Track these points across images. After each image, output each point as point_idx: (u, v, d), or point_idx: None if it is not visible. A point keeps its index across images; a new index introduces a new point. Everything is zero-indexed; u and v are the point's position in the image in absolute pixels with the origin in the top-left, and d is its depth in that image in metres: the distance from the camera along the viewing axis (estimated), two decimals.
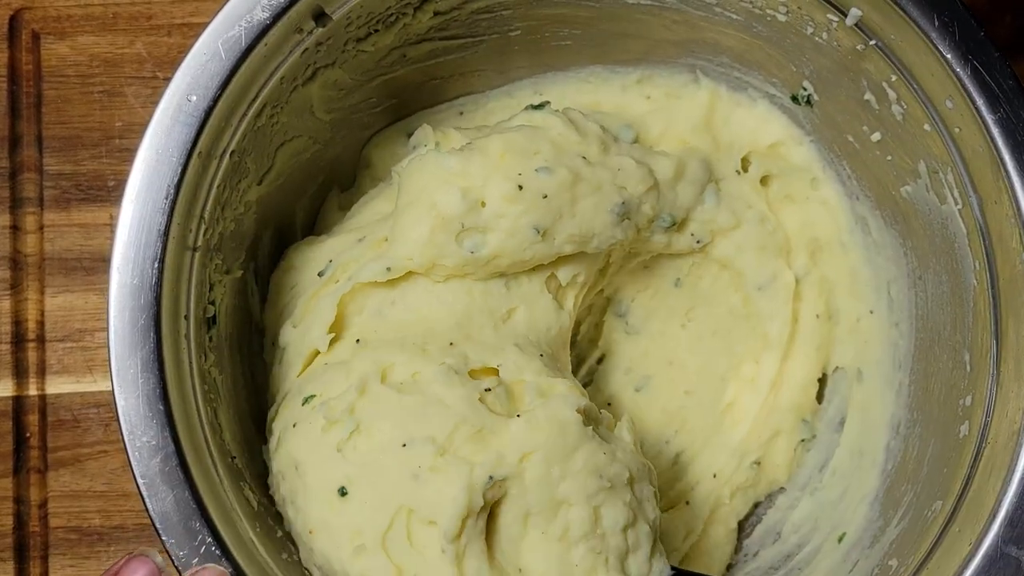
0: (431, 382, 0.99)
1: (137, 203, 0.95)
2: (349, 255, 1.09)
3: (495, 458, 0.95)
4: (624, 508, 0.98)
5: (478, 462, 0.95)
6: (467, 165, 1.04)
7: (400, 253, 1.04)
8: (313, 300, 1.08)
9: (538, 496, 0.96)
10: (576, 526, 0.96)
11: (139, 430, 0.93)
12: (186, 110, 0.96)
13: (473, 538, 0.95)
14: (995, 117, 0.95)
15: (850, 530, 1.13)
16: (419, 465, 0.95)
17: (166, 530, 0.92)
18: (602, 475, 0.97)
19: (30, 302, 1.22)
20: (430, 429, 0.96)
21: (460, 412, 0.97)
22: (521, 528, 0.97)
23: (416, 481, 0.95)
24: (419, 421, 0.97)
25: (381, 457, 0.97)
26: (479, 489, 0.94)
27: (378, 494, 0.96)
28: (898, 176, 1.08)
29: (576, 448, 0.96)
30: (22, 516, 1.20)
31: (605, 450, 0.98)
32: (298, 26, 1.00)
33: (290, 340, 1.08)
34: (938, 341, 1.08)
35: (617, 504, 0.98)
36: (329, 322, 1.05)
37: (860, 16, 1.00)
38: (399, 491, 0.95)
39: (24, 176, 1.24)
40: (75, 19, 1.26)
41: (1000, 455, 0.95)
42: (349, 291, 1.06)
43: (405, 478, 0.95)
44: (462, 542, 0.94)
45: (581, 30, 1.16)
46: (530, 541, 0.97)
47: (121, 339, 0.93)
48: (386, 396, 0.98)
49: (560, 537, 0.96)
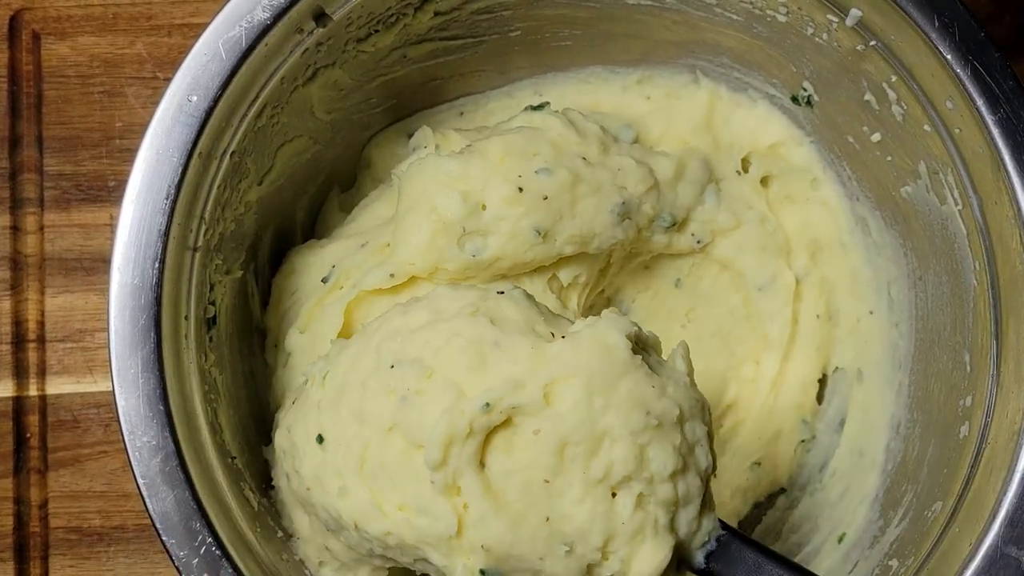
0: (439, 296, 0.94)
1: (137, 203, 0.95)
2: (352, 261, 1.09)
3: (502, 383, 0.87)
4: (673, 453, 0.88)
5: (472, 385, 0.88)
6: (467, 168, 1.04)
7: (402, 259, 1.05)
8: (318, 307, 1.08)
9: (576, 425, 0.86)
10: (620, 465, 0.87)
11: (139, 430, 0.93)
12: (187, 110, 0.96)
13: (463, 467, 0.87)
14: (995, 118, 0.95)
15: (850, 531, 1.13)
16: (407, 387, 0.89)
17: (166, 530, 0.92)
18: (649, 411, 0.87)
19: (30, 302, 1.22)
20: (418, 349, 0.90)
21: (459, 329, 0.90)
22: (556, 461, 0.87)
23: (404, 404, 0.89)
24: (409, 342, 0.91)
25: (357, 388, 0.91)
26: (466, 415, 0.87)
27: (350, 429, 0.93)
28: (898, 177, 1.08)
29: (621, 376, 0.87)
30: (22, 516, 1.20)
31: (654, 383, 0.88)
32: (298, 26, 1.00)
33: (297, 346, 1.09)
34: (938, 342, 1.08)
35: (666, 447, 0.88)
36: (338, 329, 1.06)
37: (860, 17, 1.00)
38: (383, 416, 0.90)
39: (24, 176, 1.24)
40: (75, 19, 1.26)
41: (1000, 455, 0.95)
42: (355, 298, 1.07)
43: (393, 402, 0.89)
44: (449, 470, 0.87)
45: (581, 30, 1.16)
46: (567, 480, 0.87)
47: (121, 339, 0.93)
48: (371, 328, 0.95)
49: (602, 478, 0.87)
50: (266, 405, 1.12)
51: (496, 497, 0.87)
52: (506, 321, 0.90)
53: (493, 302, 0.91)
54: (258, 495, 1.02)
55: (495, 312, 0.91)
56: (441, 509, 0.88)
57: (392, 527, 0.90)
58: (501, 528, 0.87)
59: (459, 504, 0.88)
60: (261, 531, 0.99)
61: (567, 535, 0.87)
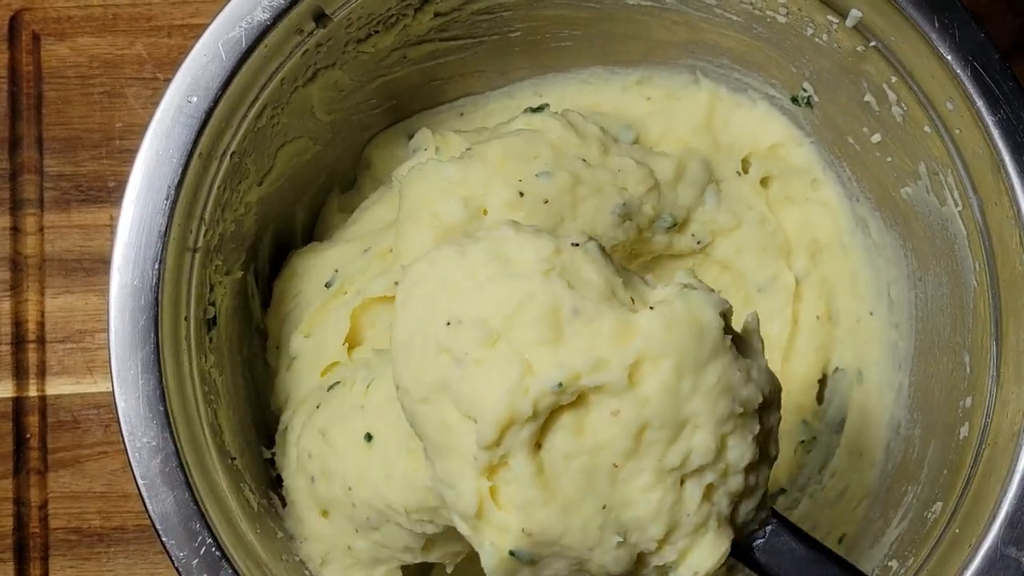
0: (503, 240, 0.83)
1: (137, 204, 0.95)
2: (355, 266, 1.10)
3: (581, 360, 0.78)
4: (752, 443, 0.82)
5: (543, 360, 0.78)
6: (467, 173, 1.04)
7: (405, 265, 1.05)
8: (322, 312, 1.09)
9: (661, 410, 0.78)
10: (698, 454, 0.80)
11: (139, 431, 0.93)
12: (186, 111, 0.96)
13: (516, 449, 0.79)
14: (995, 119, 0.95)
15: (850, 531, 1.13)
16: (465, 352, 0.79)
17: (166, 531, 0.92)
18: (735, 397, 0.80)
19: (30, 303, 1.22)
20: (481, 309, 0.80)
21: (533, 291, 0.79)
22: (631, 445, 0.79)
23: (459, 369, 0.79)
24: (469, 299, 0.81)
25: (409, 358, 0.82)
26: (532, 395, 0.78)
27: (399, 431, 0.89)
28: (898, 177, 1.08)
29: (712, 359, 0.80)
30: (22, 517, 1.20)
31: (740, 367, 0.81)
32: (298, 27, 1.00)
33: (302, 350, 1.09)
34: (938, 342, 1.08)
35: (746, 436, 0.82)
36: (344, 334, 1.07)
37: (860, 17, 1.00)
38: (430, 377, 0.80)
39: (24, 177, 1.23)
40: (75, 20, 1.26)
41: (1000, 456, 0.95)
42: (360, 305, 1.07)
43: (446, 363, 0.80)
44: (498, 452, 0.79)
45: (581, 31, 1.16)
46: (639, 466, 0.80)
47: (121, 340, 0.93)
48: (417, 274, 0.84)
49: (677, 467, 0.80)
50: (267, 406, 1.12)
51: (547, 482, 0.80)
52: (584, 284, 0.80)
53: (569, 257, 0.81)
54: (258, 496, 1.02)
55: (572, 271, 0.81)
56: (470, 488, 0.80)
57: (424, 500, 0.90)
58: (551, 516, 0.80)
59: (497, 485, 0.80)
60: (261, 532, 0.99)
61: (623, 524, 0.81)
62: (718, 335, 0.80)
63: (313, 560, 1.04)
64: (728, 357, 0.80)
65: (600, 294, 0.80)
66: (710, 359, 0.79)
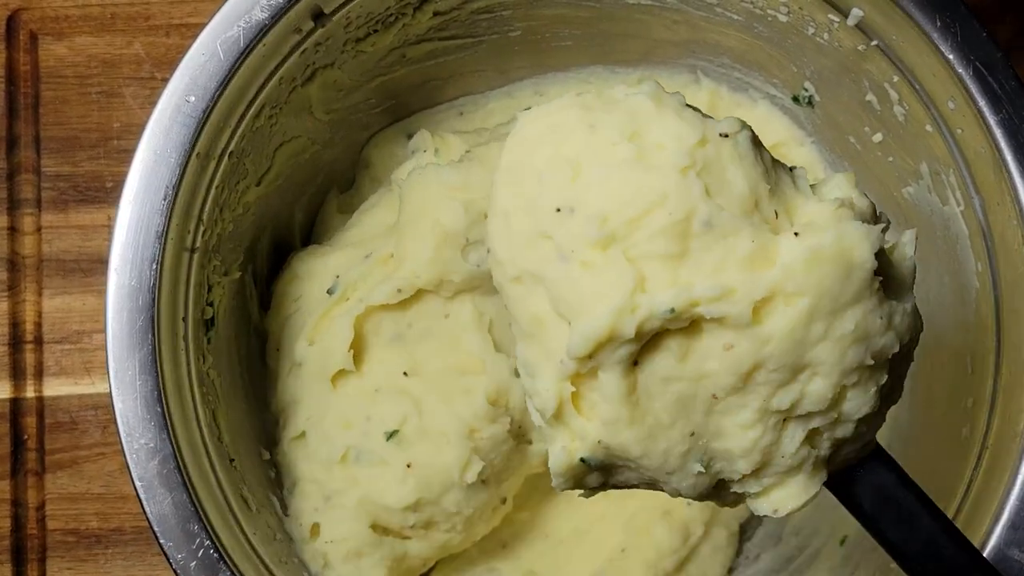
0: (642, 112, 0.71)
1: (135, 204, 0.94)
2: (357, 272, 1.10)
3: (704, 286, 0.68)
4: (875, 395, 0.73)
5: (660, 278, 0.69)
6: (467, 177, 1.05)
7: (407, 272, 1.05)
8: (326, 319, 1.09)
9: (782, 352, 0.69)
10: (811, 400, 0.72)
11: (137, 432, 0.92)
12: (184, 111, 0.95)
13: (610, 366, 0.71)
14: (997, 118, 0.94)
15: (851, 532, 1.12)
16: (572, 248, 0.69)
17: (164, 533, 0.92)
18: (868, 347, 0.71)
19: (27, 304, 1.22)
20: (603, 202, 0.69)
21: (666, 190, 0.68)
22: (738, 382, 0.71)
23: (563, 265, 0.70)
24: (588, 186, 0.70)
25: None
26: (639, 317, 0.68)
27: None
28: (900, 177, 1.08)
29: (854, 303, 0.70)
30: (20, 519, 1.19)
31: (883, 312, 0.71)
32: (297, 26, 1.00)
33: (307, 357, 1.09)
34: (940, 343, 1.08)
35: (870, 388, 0.72)
36: (348, 341, 1.07)
37: (861, 16, 1.00)
38: (535, 261, 0.71)
39: (21, 177, 1.23)
40: (73, 19, 1.25)
41: (1002, 458, 0.94)
42: (363, 312, 1.08)
43: (547, 252, 0.70)
44: (589, 365, 0.71)
45: (581, 30, 1.16)
46: (742, 402, 0.72)
47: (119, 341, 0.93)
48: (524, 131, 0.74)
49: (785, 410, 0.72)
50: (265, 408, 1.12)
51: (637, 401, 0.72)
52: (726, 189, 0.69)
53: (714, 151, 0.69)
54: (257, 497, 1.01)
55: (715, 170, 0.69)
56: (552, 389, 0.73)
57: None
58: (634, 437, 0.72)
59: (582, 392, 0.73)
60: (259, 534, 0.98)
61: (710, 453, 0.73)
62: (867, 276, 0.69)
63: (315, 561, 1.04)
64: (872, 301, 0.70)
65: (741, 205, 0.69)
66: (852, 303, 0.69)
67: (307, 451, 1.07)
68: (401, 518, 1.05)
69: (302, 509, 1.06)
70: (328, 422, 1.07)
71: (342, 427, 1.06)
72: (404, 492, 1.04)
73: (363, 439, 1.06)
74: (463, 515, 1.07)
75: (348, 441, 1.06)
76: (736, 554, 1.19)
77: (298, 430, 1.08)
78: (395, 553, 1.07)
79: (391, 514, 1.05)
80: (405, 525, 1.06)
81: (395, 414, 1.06)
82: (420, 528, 1.07)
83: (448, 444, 1.05)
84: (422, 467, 1.04)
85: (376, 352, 1.09)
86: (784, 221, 0.71)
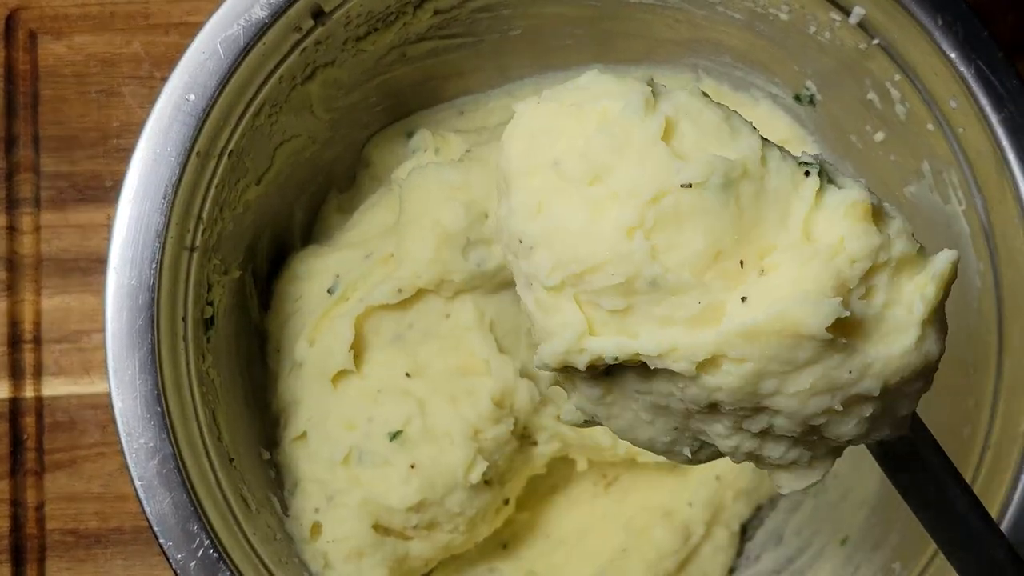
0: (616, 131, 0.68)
1: (135, 203, 0.94)
2: (357, 272, 1.10)
3: (645, 341, 0.67)
4: (858, 425, 0.69)
5: (606, 325, 0.68)
6: (467, 176, 1.04)
7: (408, 272, 1.05)
8: (326, 320, 1.09)
9: (734, 401, 0.67)
10: (782, 430, 0.70)
11: (136, 432, 0.92)
12: (184, 109, 0.95)
13: (579, 378, 0.72)
14: (999, 117, 0.94)
15: (852, 533, 1.12)
16: (530, 282, 0.69)
17: (164, 533, 0.92)
18: (836, 396, 0.67)
19: (26, 303, 1.21)
20: (563, 251, 0.67)
21: (613, 249, 0.65)
22: (703, 409, 0.69)
23: (527, 290, 0.70)
24: (546, 227, 0.67)
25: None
26: (585, 357, 0.68)
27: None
28: (902, 176, 1.08)
29: (810, 364, 0.66)
30: (19, 519, 1.19)
31: (854, 366, 0.66)
32: (297, 24, 0.99)
33: (307, 358, 1.09)
34: None
35: (849, 422, 0.68)
36: (349, 342, 1.07)
37: (863, 15, 1.00)
38: (516, 271, 0.70)
39: (20, 176, 1.23)
40: (72, 18, 1.25)
41: (1004, 458, 0.94)
42: (363, 313, 1.08)
43: (519, 275, 0.70)
44: (561, 374, 0.73)
45: (582, 29, 1.16)
46: (713, 418, 0.70)
47: (118, 340, 0.93)
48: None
49: (759, 431, 0.70)
50: (265, 408, 1.11)
51: (614, 403, 0.73)
52: (678, 249, 0.65)
53: (671, 205, 0.65)
54: (257, 497, 1.01)
55: (668, 230, 0.65)
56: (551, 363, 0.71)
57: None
58: (616, 428, 0.74)
59: (563, 382, 0.74)
60: (259, 534, 0.98)
61: (699, 441, 0.73)
62: (820, 345, 0.65)
63: (316, 561, 1.03)
64: (835, 359, 0.66)
65: (693, 265, 0.65)
66: (807, 364, 0.66)
67: (309, 451, 1.07)
68: (404, 519, 1.05)
69: (303, 509, 1.06)
70: (330, 422, 1.07)
71: (344, 428, 1.06)
72: (408, 493, 1.04)
73: (366, 440, 1.06)
74: (466, 516, 1.06)
75: (351, 441, 1.06)
76: (737, 555, 1.19)
77: (299, 430, 1.08)
78: (396, 554, 1.07)
79: (394, 514, 1.05)
80: (407, 526, 1.06)
81: (398, 415, 1.06)
82: (422, 529, 1.07)
83: (452, 445, 1.05)
84: (426, 468, 1.04)
85: (377, 352, 1.09)
86: (751, 269, 0.66)
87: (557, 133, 0.69)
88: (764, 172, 0.65)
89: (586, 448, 1.12)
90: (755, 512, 1.20)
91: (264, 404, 1.12)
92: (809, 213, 0.65)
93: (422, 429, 1.05)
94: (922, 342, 0.68)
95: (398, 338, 1.09)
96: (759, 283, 0.65)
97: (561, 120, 0.69)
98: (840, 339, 0.65)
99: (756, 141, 0.66)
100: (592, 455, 1.14)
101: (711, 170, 0.65)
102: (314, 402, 1.08)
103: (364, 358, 1.09)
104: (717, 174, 0.65)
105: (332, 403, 1.08)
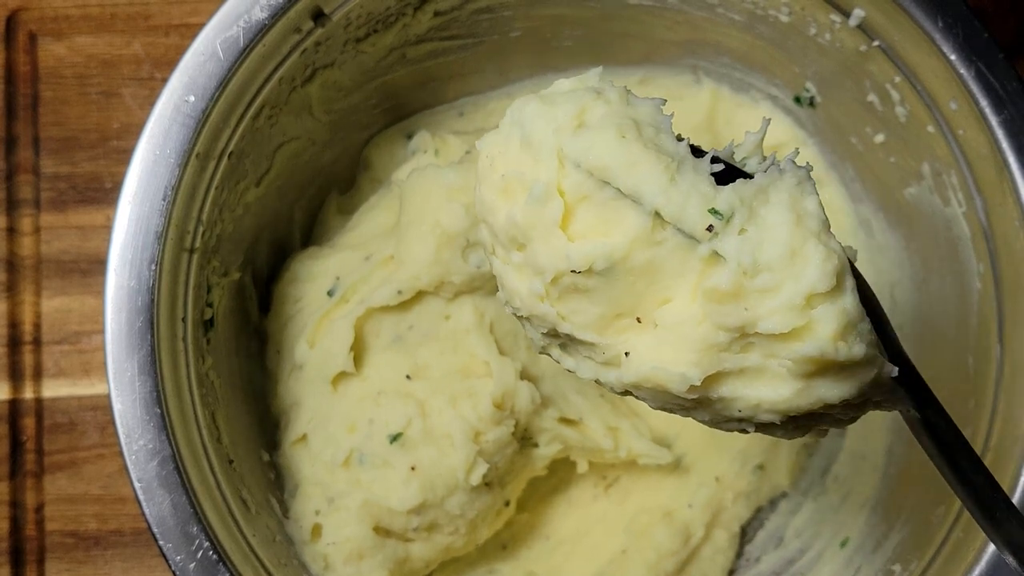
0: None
1: (134, 204, 0.94)
2: (357, 274, 1.10)
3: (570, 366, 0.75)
4: (784, 429, 0.73)
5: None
6: (467, 178, 1.05)
7: (408, 274, 1.05)
8: (326, 321, 1.09)
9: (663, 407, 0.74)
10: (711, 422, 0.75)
11: (136, 433, 0.92)
12: (184, 111, 0.95)
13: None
14: (1000, 119, 0.94)
15: (852, 535, 1.12)
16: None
17: (163, 535, 0.91)
18: (740, 421, 0.72)
19: (26, 304, 1.21)
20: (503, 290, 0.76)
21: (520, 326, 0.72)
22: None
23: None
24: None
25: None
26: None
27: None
28: (902, 178, 1.08)
29: (698, 405, 0.72)
30: (18, 520, 1.19)
31: (741, 407, 0.71)
32: (297, 26, 0.99)
33: (308, 360, 1.09)
34: (941, 345, 1.08)
35: (779, 429, 0.73)
36: (349, 344, 1.07)
37: (863, 17, 1.00)
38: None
39: (20, 178, 1.23)
40: (72, 20, 1.25)
41: (1004, 460, 0.94)
42: (363, 314, 1.08)
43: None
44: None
45: (582, 31, 1.16)
46: None
47: (118, 341, 0.93)
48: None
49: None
50: (265, 409, 1.11)
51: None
52: (579, 315, 0.73)
53: (571, 282, 0.72)
54: (257, 499, 1.01)
55: (571, 301, 0.73)
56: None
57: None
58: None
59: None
60: (259, 535, 0.98)
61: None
62: (694, 396, 0.71)
63: (316, 563, 1.03)
64: (721, 402, 0.71)
65: (594, 325, 0.73)
66: (695, 405, 0.72)
67: (309, 453, 1.07)
68: (404, 520, 1.05)
69: (304, 511, 1.06)
70: (330, 425, 1.07)
71: (345, 430, 1.06)
72: (408, 494, 1.04)
73: (366, 442, 1.06)
74: (466, 518, 1.06)
75: (351, 443, 1.06)
76: (737, 556, 1.19)
77: (300, 432, 1.08)
78: (397, 555, 1.07)
79: (394, 516, 1.05)
80: (408, 527, 1.06)
81: (399, 417, 1.06)
82: (423, 531, 1.07)
83: (453, 447, 1.04)
84: (426, 469, 1.04)
85: (377, 354, 1.09)
86: (647, 323, 0.72)
87: (502, 165, 0.74)
88: (658, 242, 0.70)
89: (586, 450, 1.12)
90: (755, 514, 1.20)
91: (264, 406, 1.12)
92: (697, 280, 0.70)
93: (422, 431, 1.05)
94: (807, 390, 0.70)
95: (398, 340, 1.09)
96: (650, 336, 0.72)
97: (509, 153, 0.74)
98: (714, 391, 0.70)
99: (644, 220, 0.70)
100: (592, 457, 1.14)
101: (594, 259, 0.71)
102: (314, 404, 1.08)
103: (364, 360, 1.09)
104: (600, 260, 0.70)
105: (332, 405, 1.08)
